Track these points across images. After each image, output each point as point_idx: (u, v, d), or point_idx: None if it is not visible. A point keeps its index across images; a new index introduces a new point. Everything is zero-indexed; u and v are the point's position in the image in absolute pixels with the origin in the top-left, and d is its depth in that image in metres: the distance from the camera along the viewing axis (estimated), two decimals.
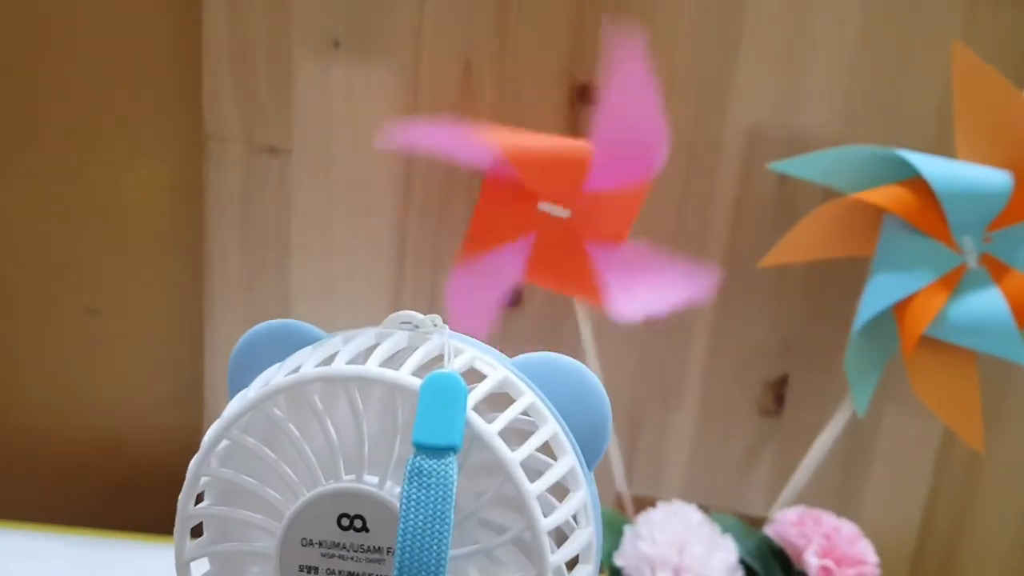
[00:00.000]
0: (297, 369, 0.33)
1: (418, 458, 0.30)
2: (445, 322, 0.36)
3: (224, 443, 0.33)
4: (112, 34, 0.69)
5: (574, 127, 0.68)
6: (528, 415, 0.34)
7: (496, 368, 0.34)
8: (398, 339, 0.35)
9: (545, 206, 0.59)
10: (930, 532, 0.76)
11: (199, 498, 0.34)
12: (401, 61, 0.67)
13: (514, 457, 0.31)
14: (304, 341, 0.37)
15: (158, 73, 0.70)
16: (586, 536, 0.33)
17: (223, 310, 0.73)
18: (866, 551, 0.54)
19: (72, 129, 0.72)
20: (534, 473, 0.32)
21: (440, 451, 0.30)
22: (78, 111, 0.71)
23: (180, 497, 0.34)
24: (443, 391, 0.31)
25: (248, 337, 0.39)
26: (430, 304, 0.72)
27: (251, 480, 0.33)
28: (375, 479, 0.32)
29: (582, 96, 0.67)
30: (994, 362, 0.67)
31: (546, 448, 0.34)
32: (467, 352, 0.35)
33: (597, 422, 0.35)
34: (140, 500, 0.80)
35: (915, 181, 0.56)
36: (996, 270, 0.57)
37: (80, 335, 0.76)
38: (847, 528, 0.55)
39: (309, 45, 0.67)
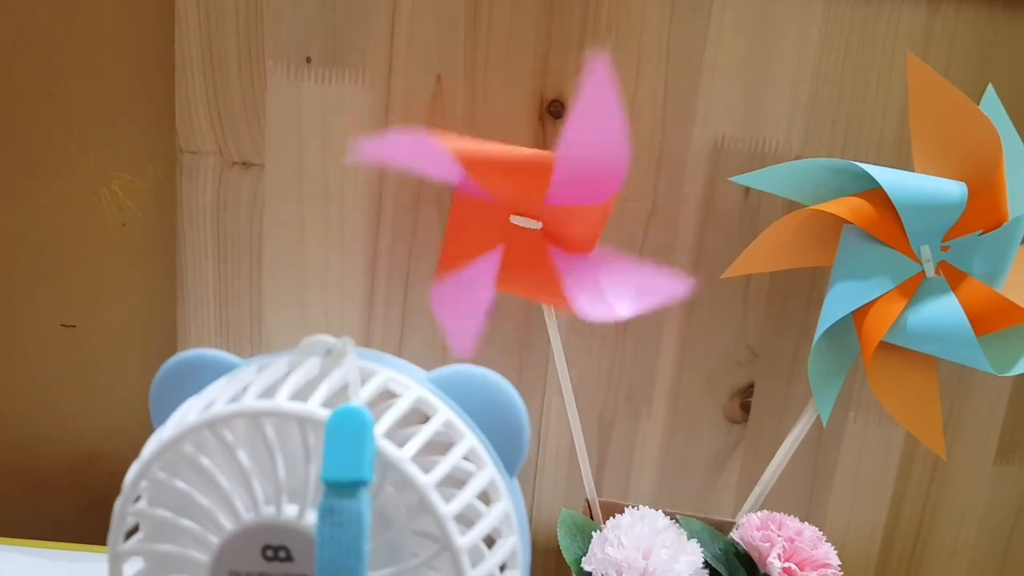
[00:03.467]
0: (209, 405, 0.33)
1: (329, 496, 0.30)
2: (359, 345, 0.37)
3: (145, 482, 0.33)
4: (85, 50, 0.70)
5: (543, 142, 0.69)
6: (444, 430, 0.34)
7: (409, 388, 0.35)
8: (310, 366, 0.35)
9: (517, 219, 0.60)
10: (895, 536, 0.78)
11: (133, 532, 0.34)
12: (373, 76, 0.68)
13: (427, 482, 0.31)
14: (220, 370, 0.38)
15: (131, 88, 0.71)
16: (510, 544, 0.34)
17: (197, 323, 0.73)
18: (828, 554, 0.56)
19: (47, 144, 0.72)
20: (457, 484, 0.33)
21: (349, 486, 0.30)
22: (52, 127, 0.72)
23: (109, 537, 0.34)
24: (349, 425, 0.31)
25: (164, 371, 0.39)
26: (402, 316, 0.73)
27: (172, 515, 0.33)
28: (295, 509, 0.32)
29: (552, 111, 0.69)
30: (955, 367, 0.69)
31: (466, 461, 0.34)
32: (379, 374, 0.35)
33: (514, 429, 0.36)
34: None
35: (873, 193, 0.58)
36: (953, 278, 0.58)
37: (56, 349, 0.77)
38: (810, 532, 0.57)
39: (282, 60, 0.68)
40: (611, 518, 0.56)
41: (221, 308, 0.73)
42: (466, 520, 0.33)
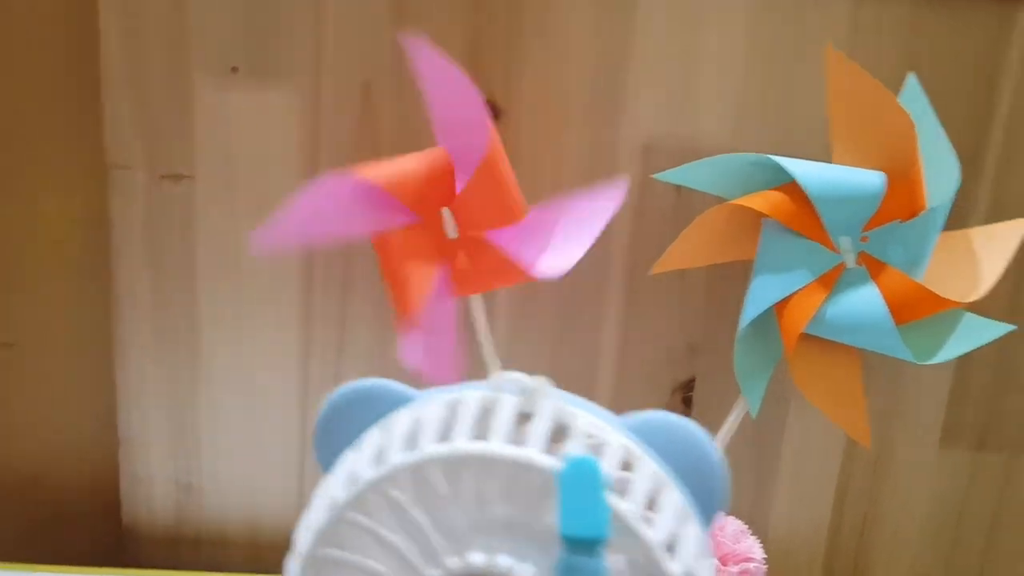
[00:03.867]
0: (413, 439, 0.32)
1: (569, 553, 0.28)
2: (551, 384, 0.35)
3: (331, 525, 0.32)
4: (7, 68, 0.70)
5: None
6: (653, 484, 0.33)
7: (612, 434, 0.33)
8: (509, 406, 0.33)
9: (446, 214, 0.59)
10: (840, 530, 0.78)
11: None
12: (300, 85, 0.68)
13: (658, 541, 0.30)
14: (394, 402, 0.36)
15: (57, 104, 0.70)
16: None
17: (132, 339, 0.73)
18: (752, 548, 0.56)
19: None
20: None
21: (590, 544, 0.28)
22: None
23: None
24: (582, 476, 0.29)
25: (337, 399, 0.37)
26: (341, 326, 0.73)
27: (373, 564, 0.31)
28: (508, 560, 0.31)
29: None
30: (892, 360, 0.69)
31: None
32: (580, 418, 0.33)
33: (710, 482, 0.34)
34: (62, 534, 0.79)
35: (792, 185, 0.58)
36: (874, 268, 0.59)
37: None
38: (733, 526, 0.57)
39: (208, 71, 0.68)
40: None
41: (156, 323, 0.73)
42: None
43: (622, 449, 0.33)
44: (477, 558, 0.31)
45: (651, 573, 0.31)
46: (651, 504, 0.32)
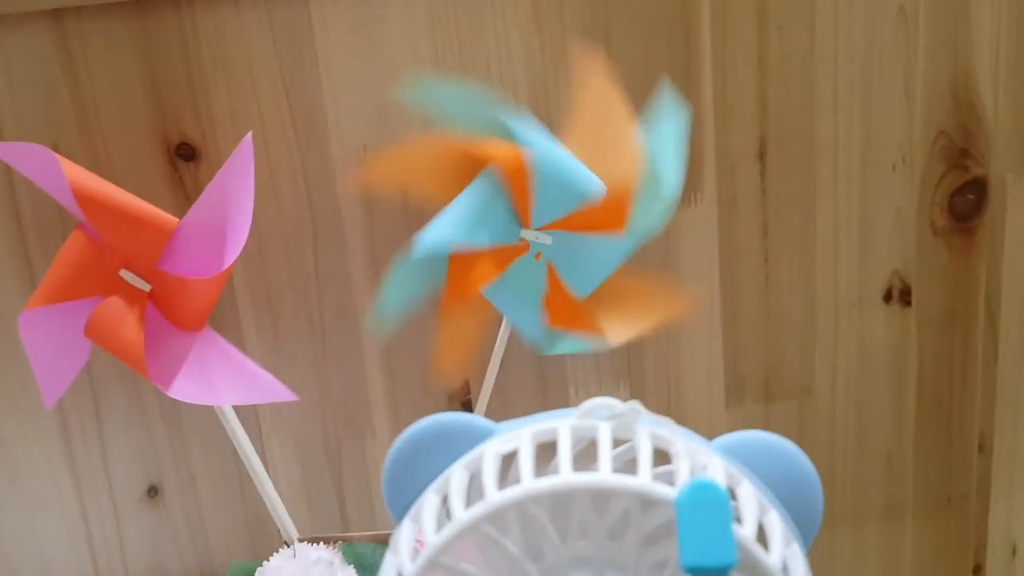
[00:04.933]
0: (513, 478, 0.30)
1: None
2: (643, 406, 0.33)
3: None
4: None
5: (183, 187, 0.68)
6: (757, 507, 0.32)
7: (713, 458, 0.32)
8: (605, 433, 0.32)
9: (127, 275, 0.58)
10: None
11: None
12: None
13: (776, 565, 0.29)
14: (475, 435, 0.34)
15: None
16: None
17: None
18: None
19: None
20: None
21: (717, 572, 0.27)
22: None
23: None
24: (704, 503, 0.28)
25: (411, 436, 0.35)
26: (93, 397, 0.71)
27: None
28: None
29: (181, 154, 0.67)
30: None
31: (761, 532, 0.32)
32: (677, 443, 0.32)
33: (809, 501, 0.33)
34: None
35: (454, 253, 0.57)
36: (562, 225, 0.58)
37: None
38: None
39: None
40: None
41: None
42: None
43: (724, 472, 0.31)
44: None
45: None
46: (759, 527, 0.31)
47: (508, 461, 0.34)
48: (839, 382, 0.75)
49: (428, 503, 0.32)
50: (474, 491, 0.33)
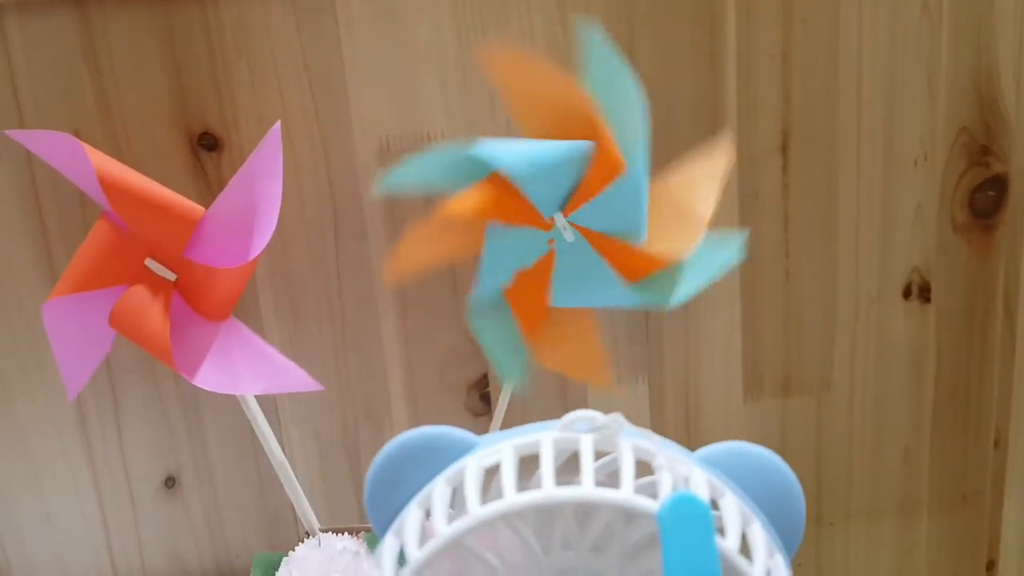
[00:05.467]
0: (496, 492, 0.30)
1: None
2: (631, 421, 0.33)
3: None
4: None
5: (205, 177, 0.67)
6: (741, 519, 0.32)
7: (695, 469, 0.32)
8: (587, 446, 0.32)
9: (152, 264, 0.58)
10: None
11: None
12: (8, 148, 0.65)
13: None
14: (458, 448, 0.34)
15: None
16: None
17: None
18: None
19: None
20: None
21: None
22: None
23: None
24: (687, 516, 0.28)
25: (392, 450, 0.35)
26: (110, 385, 0.71)
27: None
28: None
29: (204, 144, 0.67)
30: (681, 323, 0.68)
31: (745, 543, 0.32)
32: (659, 455, 0.32)
33: (791, 512, 0.33)
34: None
35: (496, 175, 0.57)
36: (593, 239, 0.57)
37: None
38: None
39: None
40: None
41: None
42: None
43: (706, 484, 0.31)
44: None
45: None
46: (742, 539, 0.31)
47: (491, 475, 0.34)
48: (857, 377, 0.75)
49: (411, 517, 0.32)
50: (457, 505, 0.33)
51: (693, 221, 0.57)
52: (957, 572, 0.81)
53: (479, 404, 0.74)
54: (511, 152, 0.55)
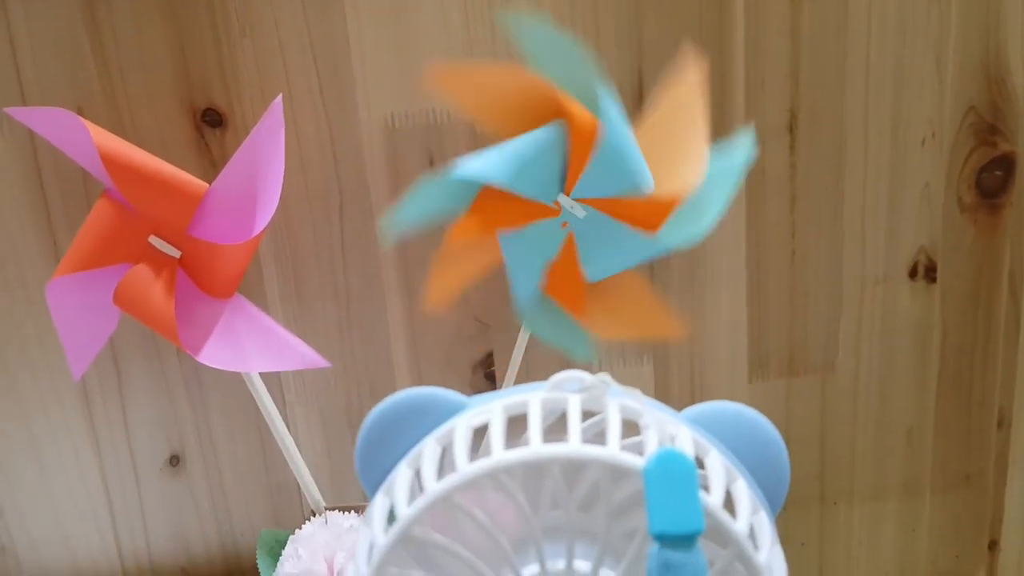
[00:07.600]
0: (485, 451, 0.30)
1: (664, 551, 0.27)
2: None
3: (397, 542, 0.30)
4: None
5: (209, 153, 0.67)
6: (725, 476, 0.32)
7: (681, 428, 0.32)
8: (574, 405, 0.32)
9: (156, 241, 0.58)
10: None
11: None
12: (11, 127, 0.65)
13: (743, 532, 0.29)
14: (444, 411, 0.35)
15: None
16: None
17: None
18: None
19: None
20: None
21: (686, 539, 0.28)
22: None
23: None
24: (672, 472, 0.28)
25: (383, 411, 0.35)
26: (113, 363, 0.71)
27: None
28: (587, 565, 0.29)
29: (208, 120, 0.66)
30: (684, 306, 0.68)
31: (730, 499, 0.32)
32: (645, 415, 0.32)
33: (776, 469, 0.34)
34: None
35: (488, 187, 0.56)
36: (603, 205, 0.57)
37: None
38: None
39: None
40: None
41: None
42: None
43: (692, 442, 0.32)
44: (557, 565, 0.30)
45: (736, 566, 0.30)
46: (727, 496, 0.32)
47: (480, 434, 0.34)
48: (862, 358, 0.75)
49: (401, 476, 0.32)
50: (446, 464, 0.33)
51: (691, 148, 0.56)
52: (960, 552, 0.81)
53: (484, 383, 0.74)
54: (490, 163, 0.54)
